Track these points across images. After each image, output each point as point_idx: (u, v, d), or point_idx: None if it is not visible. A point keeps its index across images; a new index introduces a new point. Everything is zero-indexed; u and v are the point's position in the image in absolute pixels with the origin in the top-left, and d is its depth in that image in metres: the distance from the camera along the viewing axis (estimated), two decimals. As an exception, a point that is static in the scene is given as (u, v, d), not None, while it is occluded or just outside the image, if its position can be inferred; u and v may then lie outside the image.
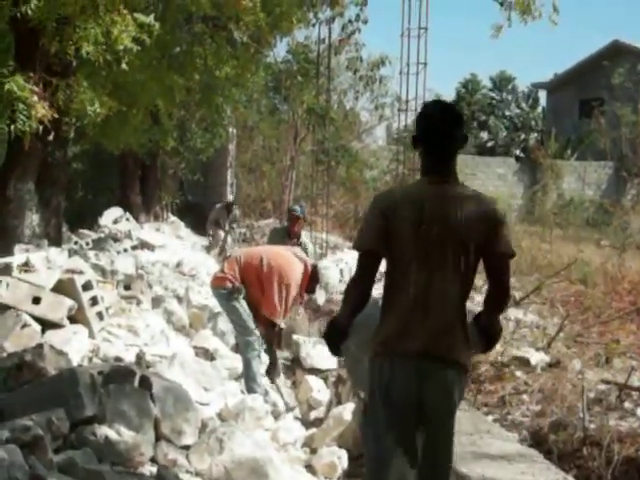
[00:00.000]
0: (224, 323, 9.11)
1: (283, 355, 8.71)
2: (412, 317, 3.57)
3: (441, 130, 3.62)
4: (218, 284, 7.58)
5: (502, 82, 51.58)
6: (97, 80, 9.03)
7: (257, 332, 7.45)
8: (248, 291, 7.44)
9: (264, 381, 7.42)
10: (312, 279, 7.72)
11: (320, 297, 9.26)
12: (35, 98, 7.25)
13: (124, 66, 7.51)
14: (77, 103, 7.69)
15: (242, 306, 7.42)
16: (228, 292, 7.42)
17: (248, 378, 7.24)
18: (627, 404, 6.36)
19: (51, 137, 8.52)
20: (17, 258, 7.55)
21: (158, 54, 9.97)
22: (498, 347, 8.28)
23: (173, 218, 21.54)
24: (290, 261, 7.51)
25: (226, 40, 10.59)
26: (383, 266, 3.73)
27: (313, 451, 5.98)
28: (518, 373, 7.54)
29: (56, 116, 7.73)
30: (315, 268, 7.79)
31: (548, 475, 3.96)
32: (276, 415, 6.74)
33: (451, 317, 3.61)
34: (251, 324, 7.41)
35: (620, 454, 5.24)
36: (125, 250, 12.80)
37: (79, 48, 6.99)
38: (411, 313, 3.57)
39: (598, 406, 6.22)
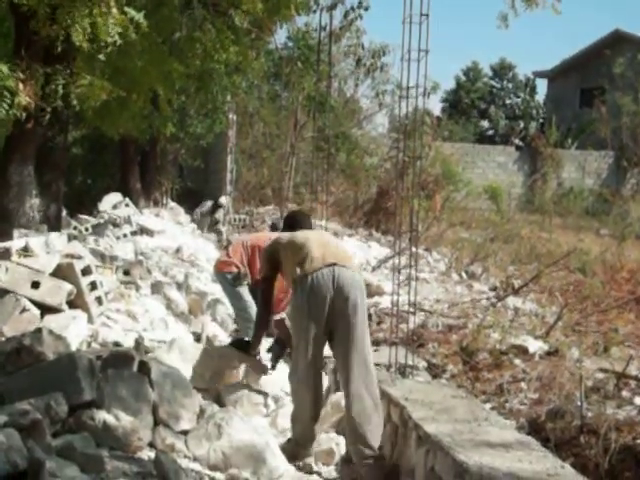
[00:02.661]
0: (223, 309, 9.12)
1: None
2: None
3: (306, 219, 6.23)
4: (224, 269, 7.61)
5: (502, 70, 51.51)
6: (96, 65, 8.99)
7: None
8: (253, 276, 7.49)
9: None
10: None
11: None
12: (20, 86, 7.20)
13: (101, 57, 7.52)
14: (78, 87, 7.65)
15: (246, 292, 7.48)
16: (233, 277, 7.47)
17: None
18: (625, 393, 6.37)
19: (30, 125, 8.47)
20: (16, 242, 7.55)
21: (158, 39, 9.91)
22: (496, 335, 8.32)
23: (173, 204, 21.53)
24: None
25: (227, 26, 10.53)
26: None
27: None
28: (516, 361, 7.56)
29: (40, 104, 7.72)
30: None
31: (545, 463, 3.96)
32: (275, 401, 6.75)
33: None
34: (253, 311, 7.44)
35: (617, 442, 5.26)
36: (124, 235, 12.80)
37: (69, 35, 6.94)
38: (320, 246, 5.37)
39: (596, 394, 6.23)
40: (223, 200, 20.65)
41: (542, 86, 47.77)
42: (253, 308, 7.45)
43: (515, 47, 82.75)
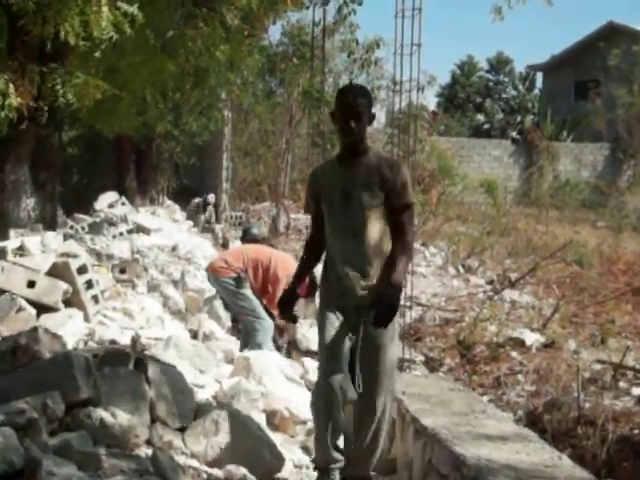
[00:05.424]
0: (220, 307, 9.10)
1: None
2: None
3: None
4: (222, 274, 7.63)
5: (499, 64, 51.51)
6: (91, 64, 8.97)
7: (267, 317, 7.52)
8: (256, 289, 7.60)
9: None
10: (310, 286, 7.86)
11: None
12: (11, 87, 7.18)
13: (97, 54, 7.51)
14: (73, 86, 7.63)
15: (249, 292, 7.52)
16: (235, 280, 7.50)
17: None
18: (622, 384, 6.38)
19: (24, 125, 8.44)
20: (12, 242, 7.53)
21: (151, 35, 9.89)
22: (493, 328, 8.34)
23: (169, 202, 21.55)
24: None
25: (220, 23, 10.51)
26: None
27: (309, 433, 5.99)
28: (513, 353, 7.57)
29: (34, 104, 7.70)
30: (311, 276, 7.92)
31: (543, 454, 3.96)
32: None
33: None
34: (261, 309, 7.50)
35: (615, 433, 5.27)
36: (121, 234, 12.79)
37: (58, 33, 6.91)
38: None
39: (593, 386, 6.24)
40: (211, 198, 20.67)
41: (537, 79, 47.70)
42: (260, 307, 7.51)
43: (511, 41, 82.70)
